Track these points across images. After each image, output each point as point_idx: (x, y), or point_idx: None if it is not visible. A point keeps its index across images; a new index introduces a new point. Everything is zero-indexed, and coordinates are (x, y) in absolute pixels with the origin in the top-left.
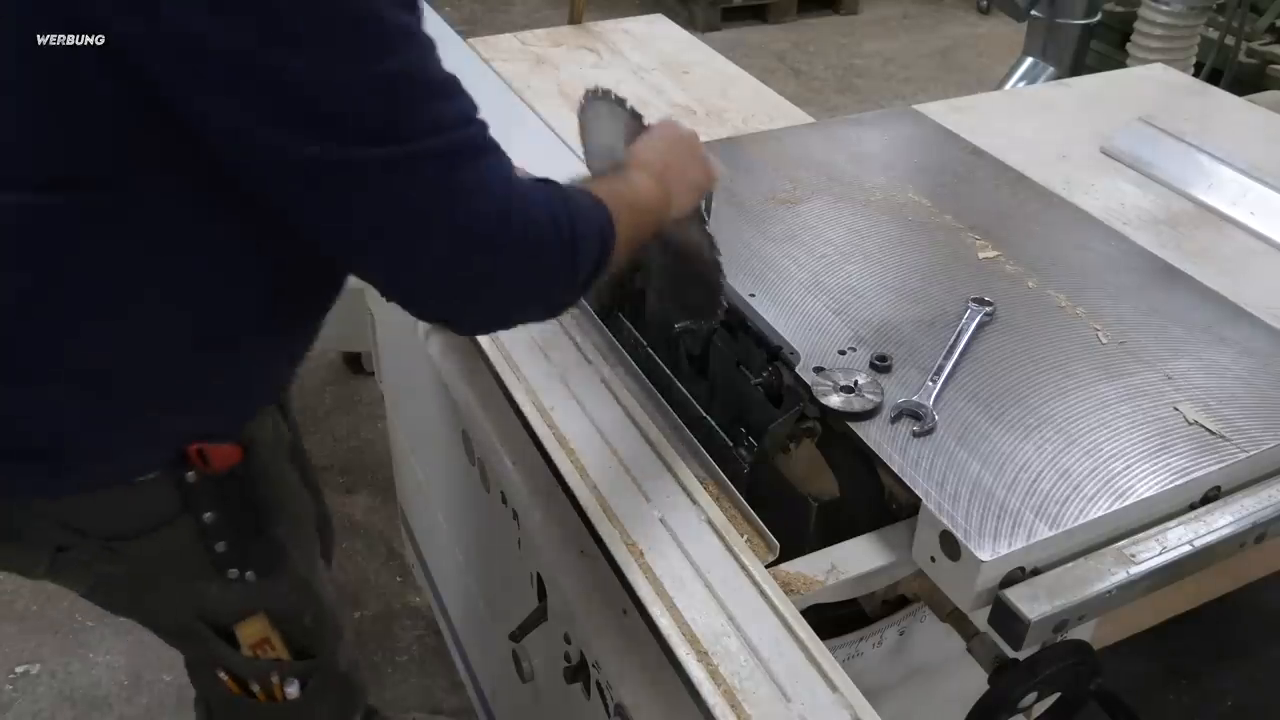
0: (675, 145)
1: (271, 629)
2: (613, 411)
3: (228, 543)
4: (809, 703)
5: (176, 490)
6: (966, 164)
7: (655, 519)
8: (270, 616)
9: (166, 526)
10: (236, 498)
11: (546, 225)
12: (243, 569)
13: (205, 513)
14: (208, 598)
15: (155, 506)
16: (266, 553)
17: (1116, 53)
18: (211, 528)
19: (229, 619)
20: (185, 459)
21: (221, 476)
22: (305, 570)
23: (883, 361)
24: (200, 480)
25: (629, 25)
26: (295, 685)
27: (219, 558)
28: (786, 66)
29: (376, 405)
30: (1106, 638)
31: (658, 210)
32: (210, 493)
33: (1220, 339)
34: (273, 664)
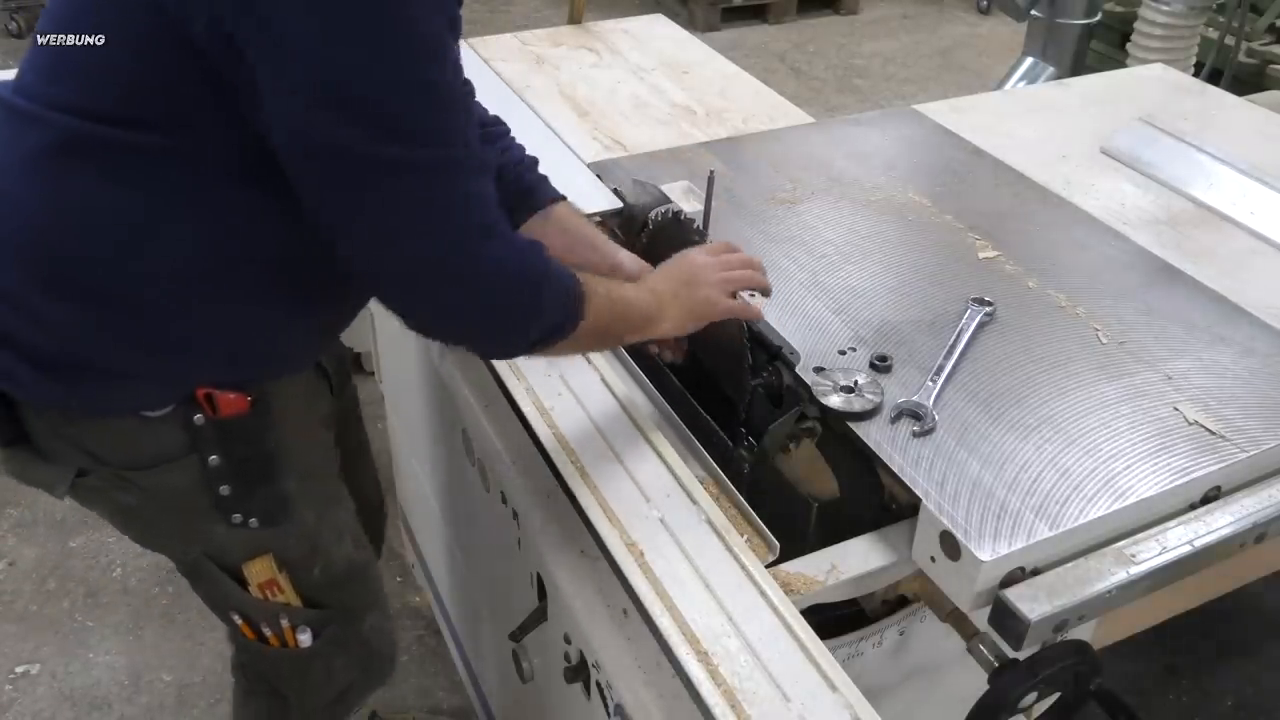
0: (679, 271)
1: (278, 571)
2: (613, 412)
3: (231, 487)
4: (809, 703)
5: (184, 431)
6: (966, 164)
7: (655, 519)
8: (277, 560)
9: (174, 463)
10: (241, 445)
11: (517, 264)
12: (246, 515)
13: (210, 455)
14: (214, 537)
15: (164, 443)
16: (271, 502)
17: (1116, 53)
18: (215, 471)
19: (235, 560)
20: (194, 401)
21: (227, 422)
22: (314, 525)
23: (883, 361)
24: (206, 424)
25: (629, 25)
26: (308, 634)
27: (222, 500)
28: (786, 66)
29: (376, 405)
30: (1106, 638)
31: (640, 322)
32: (216, 437)
33: (1220, 339)
34: (281, 607)
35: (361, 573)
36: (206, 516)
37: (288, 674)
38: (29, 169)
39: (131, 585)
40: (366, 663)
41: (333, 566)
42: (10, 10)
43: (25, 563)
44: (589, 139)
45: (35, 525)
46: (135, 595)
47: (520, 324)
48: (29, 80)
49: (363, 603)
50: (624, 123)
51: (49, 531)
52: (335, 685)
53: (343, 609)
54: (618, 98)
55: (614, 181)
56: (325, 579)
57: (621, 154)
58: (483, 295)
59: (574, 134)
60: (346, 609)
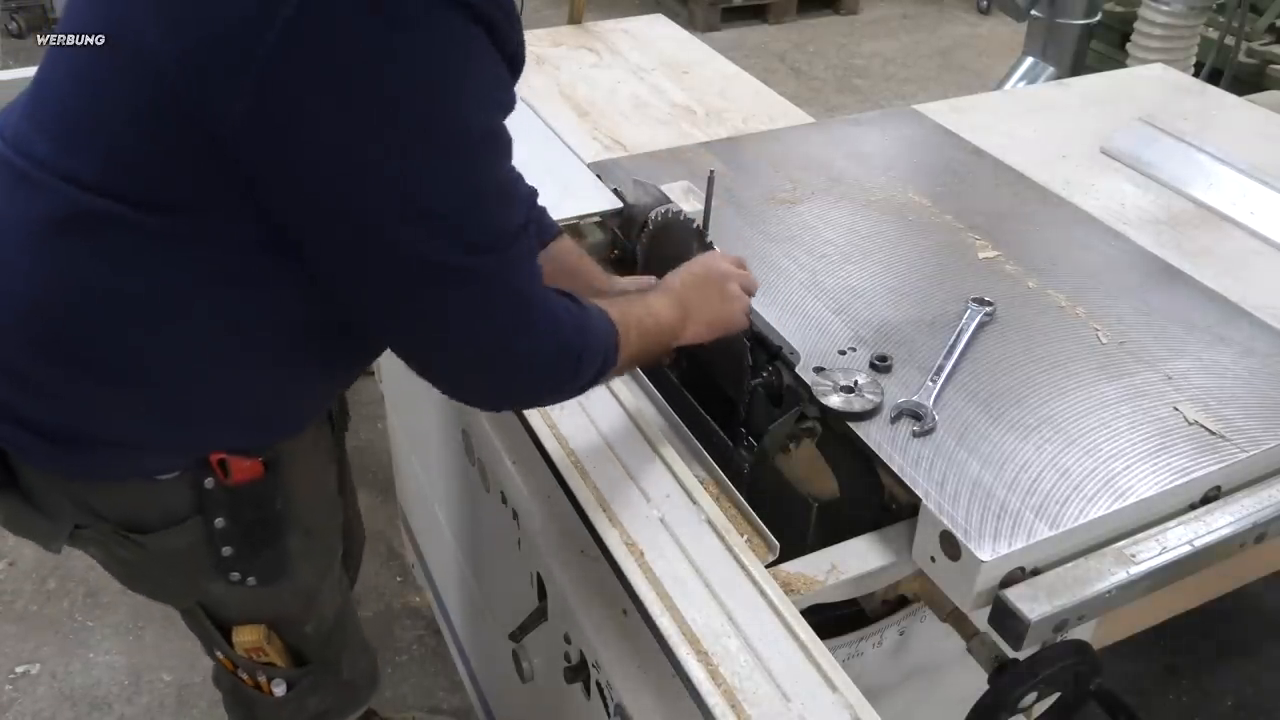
0: (706, 282)
1: (267, 638)
2: (613, 411)
3: (234, 549)
4: (809, 703)
5: (193, 492)
6: (966, 164)
7: (655, 519)
8: (269, 623)
9: (178, 525)
10: (250, 509)
11: (560, 348)
12: (245, 574)
13: (217, 518)
14: (211, 593)
15: (171, 505)
16: (272, 563)
17: (1116, 53)
18: (221, 533)
19: (227, 618)
20: (206, 465)
21: (239, 487)
22: (312, 581)
23: (883, 361)
24: (217, 488)
25: (629, 25)
26: (282, 686)
27: (223, 561)
28: (786, 66)
29: (376, 405)
30: (1106, 638)
31: (668, 338)
32: (225, 501)
33: (1220, 339)
34: (261, 665)
35: (345, 620)
36: (205, 574)
37: (260, 710)
38: (35, 240)
39: None
40: (344, 695)
41: (324, 622)
42: (10, 10)
43: (25, 563)
44: (589, 139)
45: None
46: (135, 596)
47: (563, 390)
48: (37, 143)
49: (341, 649)
50: (624, 123)
51: None
52: (307, 714)
53: (324, 660)
54: (618, 98)
55: (614, 181)
56: (315, 634)
57: (621, 154)
58: (527, 376)
59: (574, 134)
60: (327, 660)
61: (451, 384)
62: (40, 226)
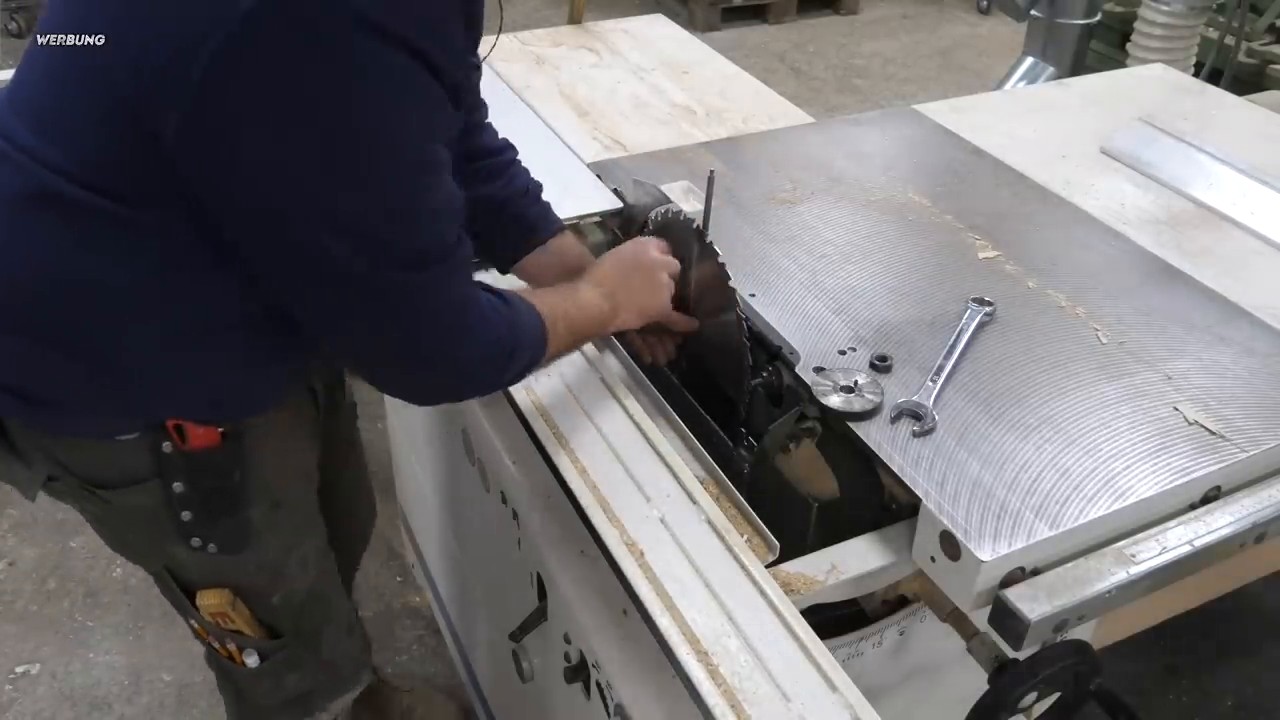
0: (634, 270)
1: (233, 604)
2: (613, 411)
3: (194, 514)
4: (809, 703)
5: (151, 455)
6: (966, 164)
7: (655, 519)
8: (235, 590)
9: (139, 485)
10: (208, 477)
11: (492, 350)
12: (205, 540)
13: (175, 482)
14: (175, 556)
15: (131, 465)
16: (233, 532)
17: (1116, 53)
18: (180, 497)
19: (192, 581)
20: (164, 430)
21: (195, 454)
22: (278, 555)
23: (883, 361)
24: (174, 453)
25: (629, 25)
26: (254, 657)
27: (183, 525)
28: (786, 66)
29: (377, 405)
30: (1106, 638)
31: (596, 328)
32: (182, 466)
33: (1220, 339)
34: (229, 633)
35: (325, 597)
36: (167, 537)
37: (238, 681)
38: (7, 213)
39: (131, 585)
40: (326, 677)
41: (294, 595)
42: (10, 10)
43: (25, 563)
44: (589, 139)
45: (35, 525)
46: (135, 595)
47: (492, 386)
48: (15, 127)
49: (320, 624)
50: (624, 123)
51: (49, 531)
52: (285, 694)
53: (298, 634)
54: (618, 98)
55: (614, 181)
56: (284, 606)
57: (621, 154)
58: (462, 376)
59: (574, 134)
60: (302, 634)
61: (383, 383)
62: (12, 202)
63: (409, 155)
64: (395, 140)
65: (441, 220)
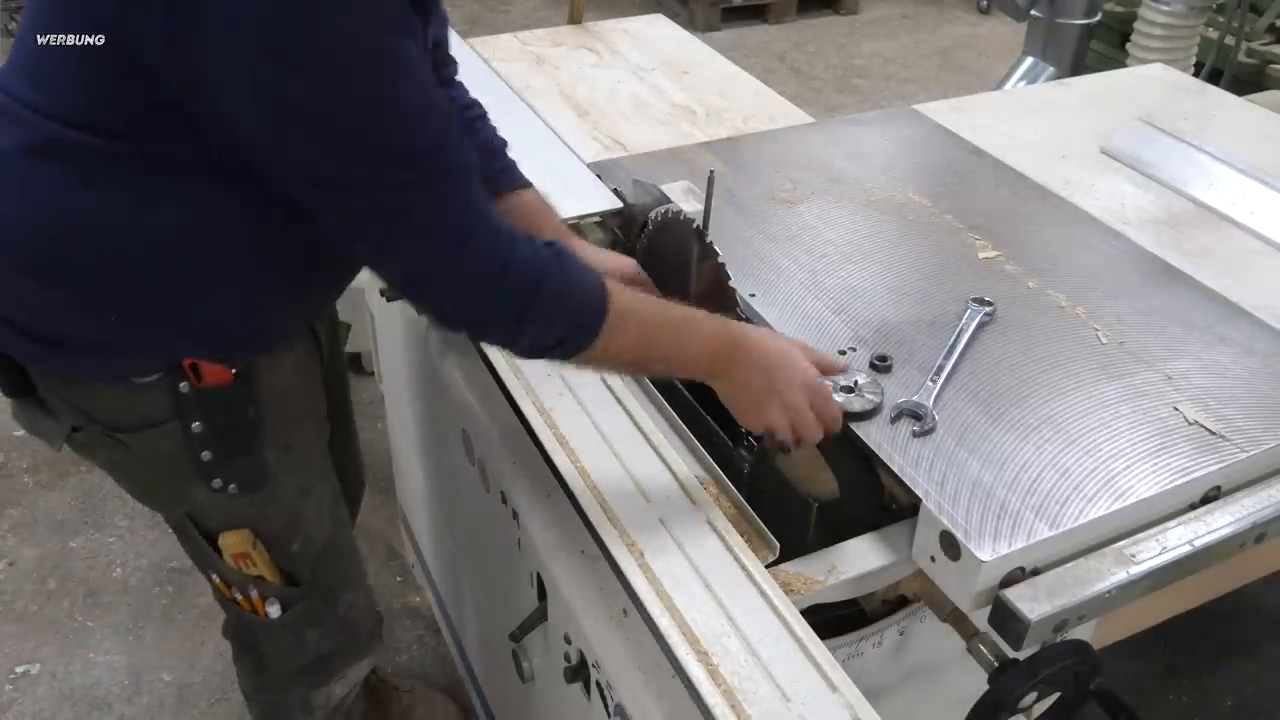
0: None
1: (254, 546)
2: (613, 411)
3: (212, 454)
4: (809, 703)
5: (170, 397)
6: (966, 164)
7: (655, 519)
8: (255, 533)
9: (159, 427)
10: (223, 415)
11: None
12: (226, 480)
13: (193, 422)
14: (196, 500)
15: (151, 408)
16: (250, 470)
17: (1116, 53)
18: (199, 437)
19: (213, 526)
20: (181, 370)
21: (211, 391)
22: (294, 498)
23: (883, 361)
24: (191, 392)
25: (629, 25)
26: (276, 606)
27: (203, 466)
28: (786, 66)
29: (377, 405)
30: (1106, 638)
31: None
32: (199, 405)
33: (1220, 339)
34: (252, 579)
35: (340, 552)
36: (188, 480)
37: (260, 637)
38: (11, 165)
39: (131, 585)
40: (345, 637)
41: (312, 543)
42: (10, 10)
43: (25, 563)
44: (589, 139)
45: (35, 525)
46: (135, 595)
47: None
48: (13, 80)
49: (339, 581)
50: (624, 123)
51: (49, 531)
52: (307, 654)
53: (317, 586)
54: (618, 98)
55: (614, 181)
56: (304, 554)
57: (621, 154)
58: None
59: (574, 134)
60: (322, 586)
61: (413, 299)
62: (15, 153)
63: (365, 47)
64: (349, 30)
65: (429, 120)
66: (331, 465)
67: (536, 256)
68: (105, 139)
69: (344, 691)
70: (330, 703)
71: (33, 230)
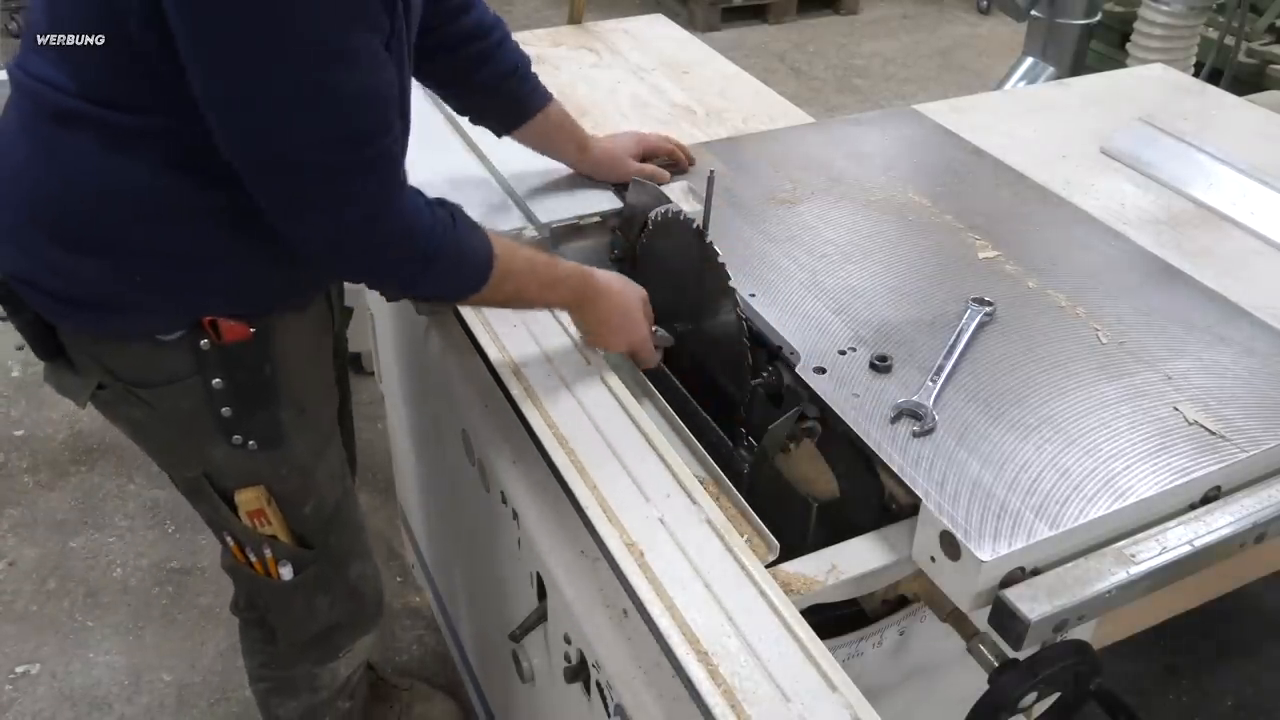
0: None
1: (268, 503)
2: (613, 411)
3: (232, 409)
4: (809, 703)
5: (191, 354)
6: (966, 164)
7: (655, 519)
8: (269, 492)
9: (181, 383)
10: (242, 370)
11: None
12: (246, 436)
13: (214, 378)
14: (214, 459)
15: (173, 364)
16: (268, 425)
17: (1116, 53)
18: (218, 393)
19: (230, 484)
20: (201, 328)
21: (230, 348)
22: (308, 459)
23: (883, 361)
24: (212, 348)
25: (629, 25)
26: (288, 568)
27: (224, 422)
28: (786, 66)
29: (377, 405)
30: (1106, 638)
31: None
32: (219, 361)
33: (1220, 339)
34: (266, 539)
35: (349, 521)
36: (208, 437)
37: (271, 603)
38: (34, 137)
39: (131, 585)
40: (353, 607)
41: (324, 506)
42: (10, 10)
43: (25, 563)
44: None
45: (35, 525)
46: (135, 595)
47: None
48: (31, 59)
49: (348, 549)
50: (624, 123)
51: (49, 531)
52: (318, 622)
53: (328, 551)
54: (618, 98)
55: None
56: (316, 517)
57: None
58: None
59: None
60: (332, 553)
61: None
62: (37, 125)
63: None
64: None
65: (363, 109)
66: (339, 435)
67: (436, 228)
68: (116, 111)
69: (348, 671)
70: (335, 683)
71: (62, 197)
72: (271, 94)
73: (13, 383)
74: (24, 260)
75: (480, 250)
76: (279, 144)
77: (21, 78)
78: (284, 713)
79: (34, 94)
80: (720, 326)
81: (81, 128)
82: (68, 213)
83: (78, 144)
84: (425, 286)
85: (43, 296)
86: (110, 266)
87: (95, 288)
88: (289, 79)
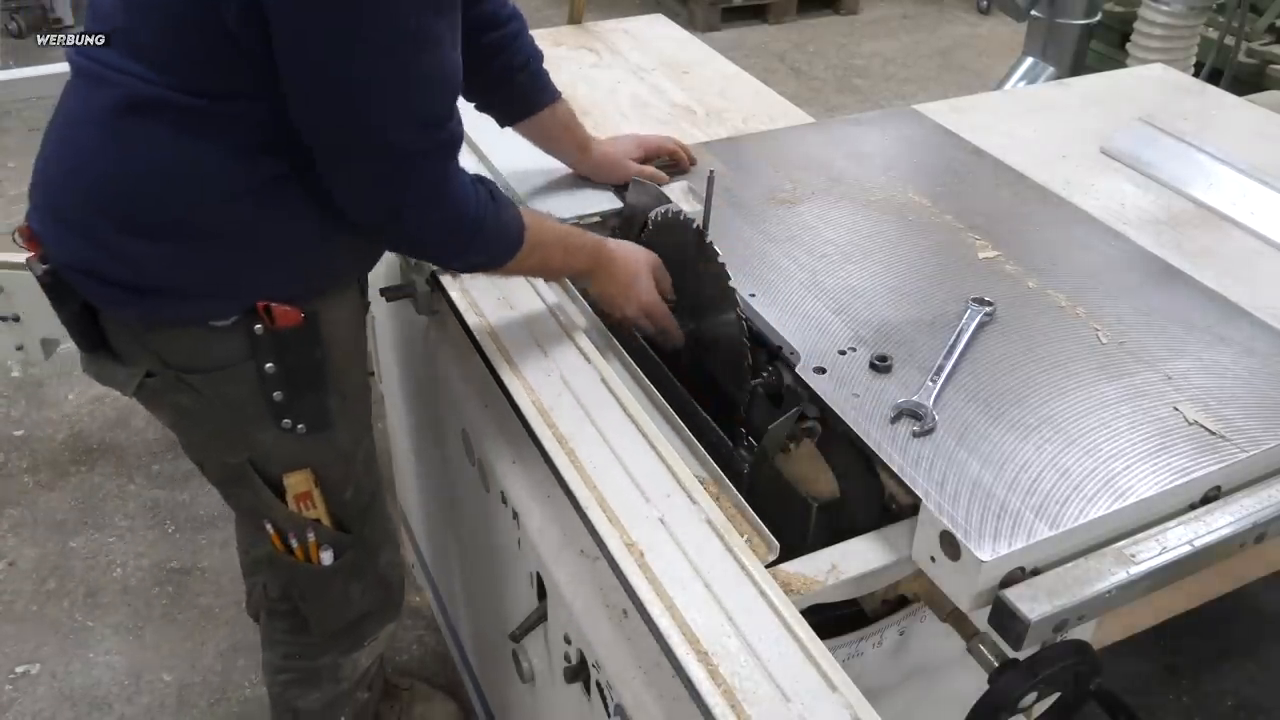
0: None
1: (315, 486)
2: (612, 411)
3: (284, 393)
4: (809, 703)
5: (245, 339)
6: (966, 164)
7: (655, 519)
8: (315, 476)
9: (234, 369)
10: (294, 354)
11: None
12: (295, 420)
13: (267, 363)
14: (262, 444)
15: (227, 349)
16: (317, 408)
17: (1116, 53)
18: (271, 378)
19: (277, 469)
20: (255, 313)
21: (283, 333)
22: (349, 445)
23: (883, 361)
24: (265, 333)
25: (629, 25)
26: (329, 552)
27: (276, 406)
28: (786, 66)
29: (377, 405)
30: (1106, 638)
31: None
32: (272, 345)
33: (1220, 339)
34: (310, 523)
35: (381, 509)
36: (258, 422)
37: (308, 590)
38: (103, 124)
39: (131, 585)
40: (382, 594)
41: (362, 492)
42: (10, 10)
43: (25, 563)
44: None
45: (35, 525)
46: (135, 595)
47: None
48: (102, 48)
49: (381, 536)
50: (624, 123)
51: (49, 531)
52: (353, 609)
53: (362, 538)
54: (618, 98)
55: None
56: (354, 503)
57: None
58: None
59: None
60: (367, 539)
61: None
62: (108, 113)
63: (405, 26)
64: (396, 10)
65: (439, 93)
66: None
67: (480, 203)
68: (189, 96)
69: (368, 662)
70: (355, 673)
71: (132, 184)
72: (360, 77)
73: (13, 383)
74: (87, 249)
75: (514, 223)
76: (361, 125)
77: (93, 68)
78: (305, 704)
79: (106, 82)
80: (720, 326)
81: (158, 115)
82: (137, 198)
83: (151, 131)
84: (468, 256)
85: (103, 286)
86: (175, 251)
87: (159, 274)
88: (377, 62)
